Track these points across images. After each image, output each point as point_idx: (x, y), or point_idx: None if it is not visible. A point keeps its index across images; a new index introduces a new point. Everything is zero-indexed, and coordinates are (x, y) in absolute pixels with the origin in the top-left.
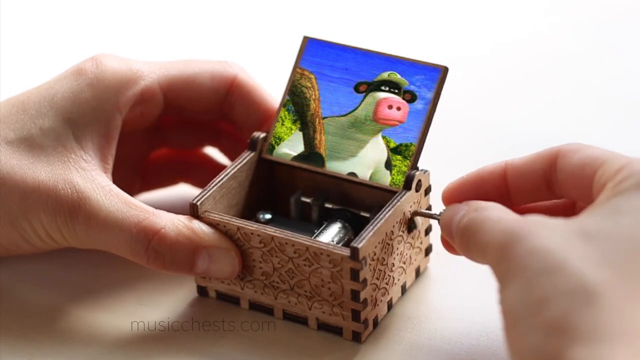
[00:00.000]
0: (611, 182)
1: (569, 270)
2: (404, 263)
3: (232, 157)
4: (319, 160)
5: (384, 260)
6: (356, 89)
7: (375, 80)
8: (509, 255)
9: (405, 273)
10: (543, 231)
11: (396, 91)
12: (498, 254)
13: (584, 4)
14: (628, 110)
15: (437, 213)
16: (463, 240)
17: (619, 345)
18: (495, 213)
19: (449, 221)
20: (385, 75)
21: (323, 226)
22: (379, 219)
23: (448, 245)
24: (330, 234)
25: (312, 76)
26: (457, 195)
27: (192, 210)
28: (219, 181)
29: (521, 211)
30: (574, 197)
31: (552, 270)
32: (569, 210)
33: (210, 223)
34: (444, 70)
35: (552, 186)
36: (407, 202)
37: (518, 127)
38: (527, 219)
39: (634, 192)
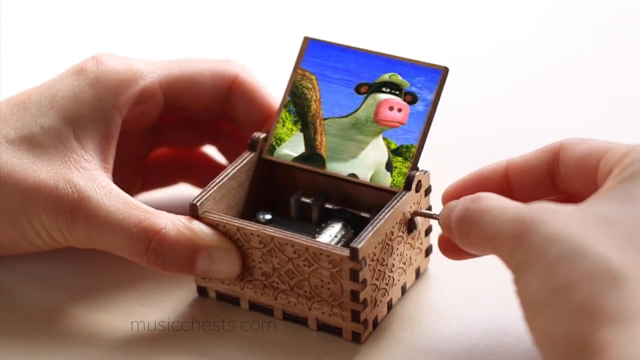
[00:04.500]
0: (617, 167)
1: (591, 254)
2: (404, 264)
3: (231, 156)
4: (320, 161)
5: (384, 260)
6: (357, 90)
7: (376, 81)
8: (524, 244)
9: (405, 274)
10: (557, 218)
11: (397, 92)
12: (511, 244)
13: (585, 5)
14: (631, 112)
15: (437, 213)
16: (463, 232)
17: None
18: (495, 202)
19: (448, 217)
20: (386, 76)
21: (323, 226)
22: (378, 220)
23: (444, 248)
24: (330, 235)
25: (313, 77)
26: (458, 196)
27: (192, 210)
28: (219, 181)
29: None
30: (577, 189)
31: (573, 256)
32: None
33: (210, 223)
34: (445, 71)
35: (556, 181)
36: (407, 202)
37: (518, 129)
38: (536, 206)
39: None
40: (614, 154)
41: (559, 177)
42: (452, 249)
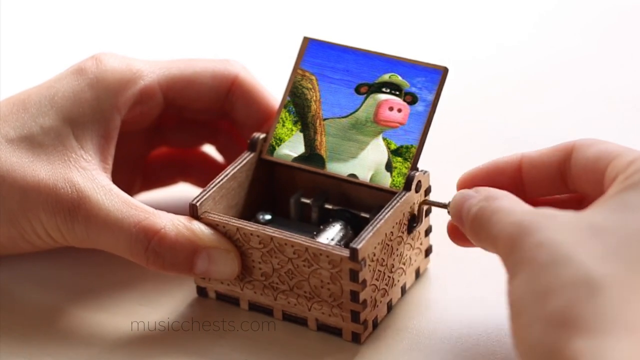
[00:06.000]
0: (622, 174)
1: (574, 262)
2: (404, 264)
3: (229, 156)
4: (320, 161)
5: (384, 261)
6: (357, 90)
7: (376, 81)
8: (518, 247)
9: (405, 274)
10: (552, 224)
11: (397, 93)
12: (508, 246)
13: (585, 7)
14: (632, 113)
15: (446, 202)
16: (474, 229)
17: (621, 337)
18: (505, 203)
19: (459, 207)
20: (386, 76)
21: (323, 227)
22: (378, 220)
23: (454, 235)
24: (330, 235)
25: (313, 77)
26: (472, 184)
27: (192, 210)
28: (219, 182)
29: (533, 203)
30: (587, 190)
31: (557, 263)
32: (579, 204)
33: (209, 224)
34: (445, 72)
35: (566, 180)
36: (407, 203)
37: (518, 129)
38: (538, 212)
39: None
40: (621, 160)
41: (569, 177)
42: (461, 236)
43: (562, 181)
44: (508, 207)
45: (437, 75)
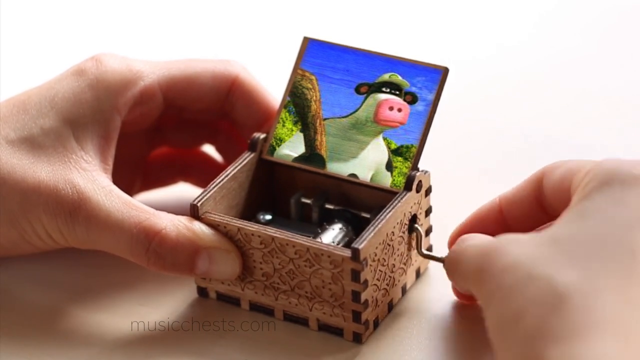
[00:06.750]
0: (580, 187)
1: (536, 279)
2: (405, 264)
3: (228, 156)
4: (320, 161)
5: (385, 261)
6: (357, 90)
7: (376, 81)
8: (485, 277)
9: (406, 274)
10: (513, 248)
11: (397, 92)
12: (477, 279)
13: (585, 7)
14: (631, 113)
15: (443, 257)
16: (449, 274)
17: (593, 338)
18: (472, 242)
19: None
20: (386, 76)
21: (323, 227)
22: (379, 220)
23: (457, 294)
24: (331, 235)
25: (313, 77)
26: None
27: (193, 211)
28: (219, 182)
29: None
30: (562, 212)
31: (522, 283)
32: None
33: (210, 224)
34: (445, 72)
35: (545, 207)
36: (408, 203)
37: (518, 129)
38: (499, 239)
39: (596, 192)
40: (580, 173)
41: (546, 204)
42: (463, 294)
43: (543, 211)
44: (474, 243)
45: (437, 75)
